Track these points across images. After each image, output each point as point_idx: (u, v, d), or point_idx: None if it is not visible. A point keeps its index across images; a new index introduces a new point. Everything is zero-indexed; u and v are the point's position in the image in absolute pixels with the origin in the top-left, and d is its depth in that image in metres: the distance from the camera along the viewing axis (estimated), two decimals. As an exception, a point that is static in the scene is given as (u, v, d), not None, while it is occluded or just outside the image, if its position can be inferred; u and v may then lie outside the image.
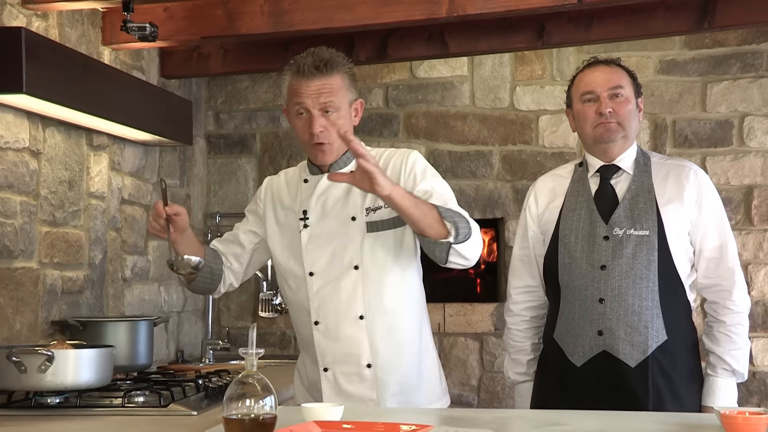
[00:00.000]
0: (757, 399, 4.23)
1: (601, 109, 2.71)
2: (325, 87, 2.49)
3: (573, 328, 2.71)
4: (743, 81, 4.32)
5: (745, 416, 1.97)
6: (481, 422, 2.30)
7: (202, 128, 4.61)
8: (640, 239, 2.66)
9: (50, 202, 3.13)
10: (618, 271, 2.65)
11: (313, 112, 2.49)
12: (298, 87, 2.50)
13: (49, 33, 3.12)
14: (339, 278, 2.54)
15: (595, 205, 2.74)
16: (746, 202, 4.31)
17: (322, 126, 2.49)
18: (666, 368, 2.65)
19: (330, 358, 2.56)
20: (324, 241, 2.55)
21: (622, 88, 2.74)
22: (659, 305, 2.65)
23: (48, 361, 2.42)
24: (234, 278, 2.75)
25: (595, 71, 2.78)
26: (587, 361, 2.68)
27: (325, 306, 2.55)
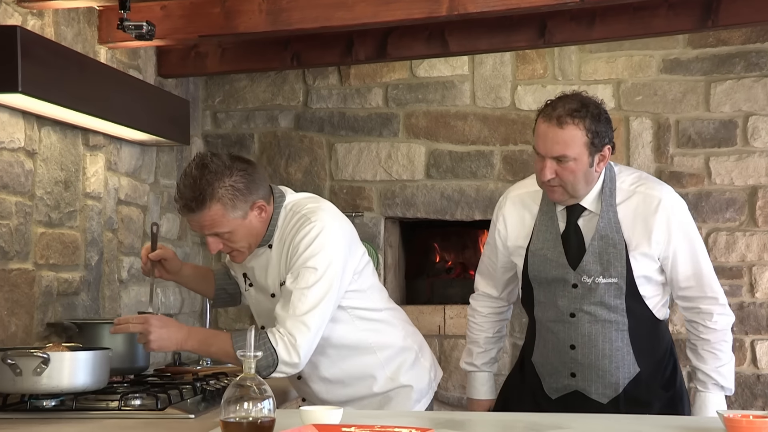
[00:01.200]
0: (762, 402, 4.21)
1: (541, 176, 2.58)
2: (204, 220, 2.48)
3: (547, 365, 2.76)
4: (747, 80, 4.29)
5: (749, 420, 1.97)
6: (482, 425, 2.27)
7: (200, 128, 4.58)
8: (608, 286, 2.63)
9: (46, 203, 3.10)
10: (587, 319, 2.66)
11: (209, 240, 2.52)
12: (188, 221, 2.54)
13: (44, 31, 3.09)
14: None
15: (563, 248, 2.67)
16: (750, 203, 4.28)
17: (222, 247, 2.54)
18: (639, 398, 2.67)
19: None
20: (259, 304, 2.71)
21: (566, 156, 2.53)
22: (629, 343, 2.67)
23: (43, 364, 2.40)
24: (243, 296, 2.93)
25: (546, 131, 2.56)
26: (560, 396, 2.74)
27: None
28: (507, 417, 2.53)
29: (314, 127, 4.57)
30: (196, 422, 2.41)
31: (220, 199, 2.44)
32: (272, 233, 2.57)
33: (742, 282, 4.26)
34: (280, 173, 4.56)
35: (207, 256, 4.55)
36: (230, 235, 2.50)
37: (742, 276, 4.25)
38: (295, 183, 4.54)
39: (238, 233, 2.50)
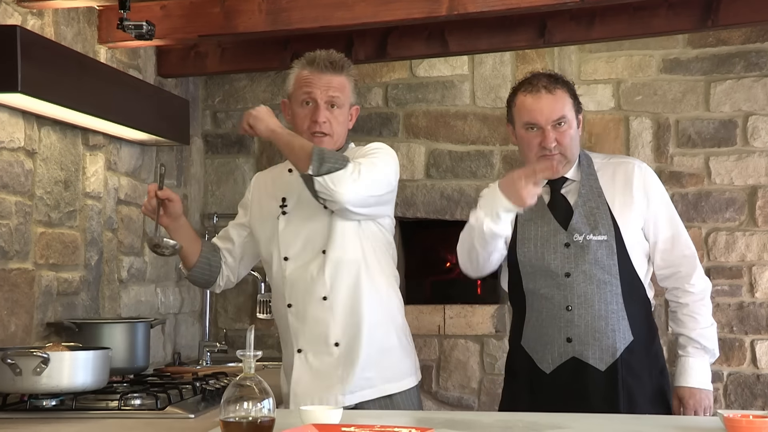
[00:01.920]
0: (761, 402, 4.20)
1: (546, 143, 2.70)
2: (334, 82, 2.68)
3: (541, 336, 2.76)
4: (747, 80, 4.28)
5: (749, 419, 1.97)
6: (481, 425, 2.27)
7: (200, 128, 4.58)
8: (599, 244, 2.71)
9: (45, 203, 3.10)
10: (582, 278, 2.71)
11: (320, 103, 2.67)
12: (310, 78, 2.68)
13: (44, 31, 3.09)
14: (308, 262, 2.68)
15: (551, 214, 2.77)
16: (750, 203, 4.27)
17: (325, 117, 2.67)
18: (634, 368, 2.71)
19: (302, 340, 2.70)
20: (299, 228, 2.70)
21: (564, 117, 2.71)
22: (624, 307, 2.72)
23: (43, 364, 2.40)
24: (230, 273, 2.91)
25: (539, 101, 2.71)
26: (556, 367, 2.73)
27: (296, 289, 2.69)
28: (506, 417, 2.53)
29: (314, 127, 4.57)
30: (195, 422, 2.41)
31: (350, 76, 2.74)
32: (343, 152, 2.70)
33: (741, 282, 4.25)
34: (279, 173, 4.56)
35: (207, 256, 4.55)
36: (338, 113, 2.69)
37: (742, 276, 4.25)
38: (294, 183, 4.54)
39: (341, 116, 2.71)
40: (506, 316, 4.39)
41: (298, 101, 2.70)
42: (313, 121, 2.67)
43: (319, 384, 2.66)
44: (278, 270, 2.73)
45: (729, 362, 4.25)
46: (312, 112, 2.67)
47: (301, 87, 2.69)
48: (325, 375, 2.66)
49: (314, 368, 2.67)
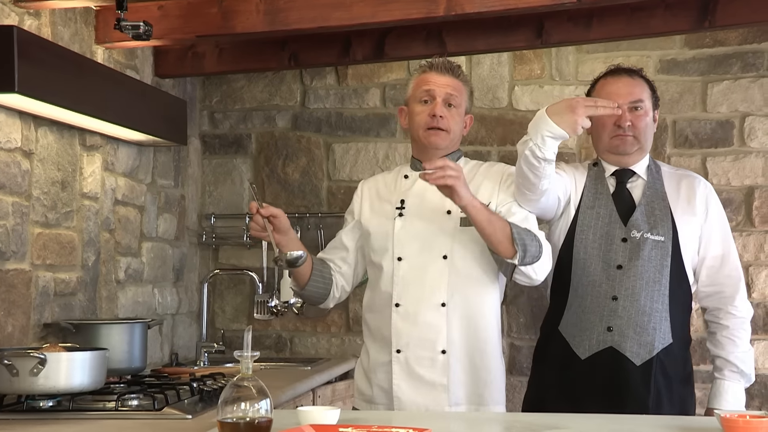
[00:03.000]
0: (758, 402, 4.20)
1: (621, 122, 2.78)
2: (452, 83, 2.76)
3: (582, 322, 2.78)
4: (744, 81, 4.29)
5: (746, 420, 1.98)
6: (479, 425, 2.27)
7: (197, 128, 4.57)
8: (655, 244, 2.76)
9: (42, 203, 3.10)
10: (633, 272, 2.74)
11: (438, 99, 2.72)
12: (429, 77, 2.76)
13: (41, 31, 3.09)
14: (426, 265, 2.69)
15: (614, 205, 2.83)
16: (747, 203, 4.28)
17: (443, 113, 2.72)
18: (668, 370, 2.74)
19: (405, 341, 2.68)
20: (416, 229, 2.72)
21: (643, 102, 2.82)
22: (668, 309, 2.75)
23: (40, 364, 2.40)
24: (345, 281, 2.88)
25: (618, 81, 2.84)
26: (592, 354, 2.75)
27: (408, 290, 2.69)
28: (504, 417, 2.53)
29: (312, 128, 4.57)
30: (193, 423, 2.41)
31: (466, 83, 2.83)
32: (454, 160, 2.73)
33: (739, 282, 4.25)
34: (277, 173, 4.56)
35: (204, 258, 4.55)
36: (456, 112, 2.75)
37: (739, 276, 4.25)
38: (292, 183, 4.54)
39: (457, 117, 2.76)
40: (504, 317, 4.38)
41: (417, 100, 2.77)
42: (431, 115, 2.72)
43: (424, 392, 2.67)
44: (389, 269, 2.73)
45: (726, 363, 4.25)
46: (431, 108, 2.72)
47: (421, 86, 2.76)
48: (428, 383, 2.67)
49: (416, 373, 2.68)
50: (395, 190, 2.81)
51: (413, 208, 2.74)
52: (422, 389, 2.66)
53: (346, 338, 4.49)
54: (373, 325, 2.79)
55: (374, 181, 2.93)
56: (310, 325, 4.50)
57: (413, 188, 2.76)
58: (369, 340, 2.80)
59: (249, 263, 4.47)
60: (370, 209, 2.84)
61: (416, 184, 2.74)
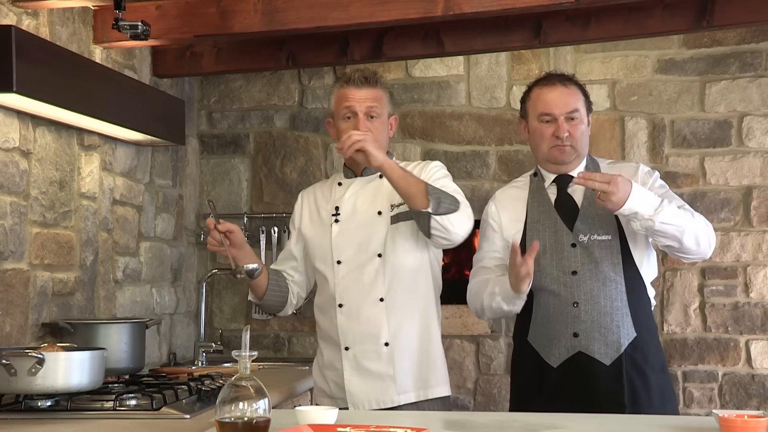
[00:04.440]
0: (756, 402, 4.21)
1: (559, 132, 2.84)
2: (370, 95, 2.84)
3: (548, 331, 2.84)
4: (742, 80, 4.29)
5: (744, 419, 1.98)
6: (477, 426, 2.27)
7: (195, 128, 4.57)
8: (603, 243, 2.81)
9: (41, 203, 3.10)
10: (588, 276, 2.81)
11: (360, 115, 2.82)
12: (348, 93, 2.85)
13: (39, 31, 3.08)
14: (363, 265, 2.82)
15: (557, 214, 2.87)
16: (745, 203, 4.28)
17: (366, 128, 2.80)
18: (638, 363, 2.79)
19: (351, 338, 2.81)
20: (351, 234, 2.84)
21: (578, 111, 2.85)
22: (627, 304, 2.80)
23: (38, 364, 2.40)
24: (299, 288, 3.02)
25: (553, 91, 2.87)
26: (563, 362, 2.80)
27: (349, 290, 2.82)
28: (501, 417, 2.53)
29: (309, 127, 4.57)
30: (191, 422, 2.41)
31: (385, 88, 2.91)
32: None
33: (736, 282, 4.26)
34: (275, 173, 4.56)
35: (202, 257, 4.55)
36: (378, 122, 2.85)
37: (737, 276, 4.26)
38: (290, 183, 4.54)
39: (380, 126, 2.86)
40: (502, 316, 4.39)
41: (340, 117, 2.87)
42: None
43: (373, 384, 2.79)
44: (330, 272, 2.86)
45: (724, 362, 4.26)
46: (354, 125, 2.81)
47: (342, 103, 2.85)
48: (376, 374, 2.78)
49: (363, 367, 2.80)
50: (330, 198, 2.94)
51: (347, 214, 2.87)
52: (371, 381, 2.78)
53: (344, 338, 4.49)
54: (323, 325, 2.91)
55: (312, 190, 3.05)
56: (308, 325, 4.50)
57: (346, 195, 2.89)
58: (321, 341, 2.93)
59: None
60: (309, 218, 2.97)
61: (349, 190, 2.89)
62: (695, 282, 4.28)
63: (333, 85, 3.01)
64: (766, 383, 4.23)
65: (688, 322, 4.28)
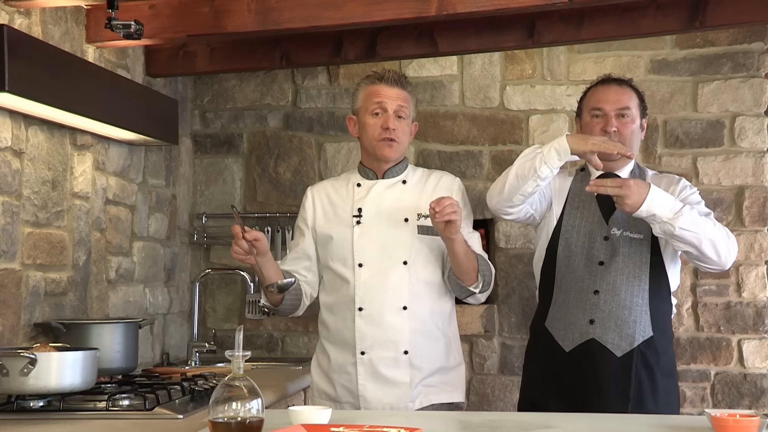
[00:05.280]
0: (748, 401, 4.22)
1: (607, 127, 2.89)
2: (401, 95, 2.88)
3: (566, 316, 2.89)
4: (734, 81, 4.30)
5: (736, 419, 1.98)
6: (471, 425, 2.28)
7: (188, 127, 4.57)
8: (634, 241, 2.86)
9: (33, 203, 3.09)
10: (614, 268, 2.85)
11: (390, 112, 2.84)
12: (380, 90, 2.86)
13: (32, 30, 3.08)
14: (387, 270, 2.80)
15: (598, 206, 2.93)
16: (737, 203, 4.29)
17: (395, 124, 2.83)
18: (649, 362, 2.84)
19: (369, 343, 2.79)
20: (375, 237, 2.83)
21: (629, 110, 2.92)
22: (648, 303, 2.85)
23: (31, 364, 2.39)
24: (312, 289, 2.97)
25: (607, 89, 2.95)
26: (575, 347, 2.86)
27: (371, 295, 2.79)
28: (495, 416, 2.54)
29: (303, 127, 4.57)
30: (184, 422, 2.40)
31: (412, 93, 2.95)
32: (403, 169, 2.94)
33: (728, 282, 4.27)
34: (269, 173, 4.55)
35: (195, 257, 4.55)
36: (404, 123, 2.88)
37: (729, 276, 4.27)
38: (284, 183, 4.53)
39: (405, 127, 2.89)
40: (495, 316, 4.39)
41: (368, 112, 2.86)
42: (384, 128, 2.83)
43: (388, 391, 2.77)
44: (349, 275, 2.83)
45: (716, 362, 4.27)
46: (383, 120, 2.83)
47: (372, 98, 2.86)
48: (392, 382, 2.77)
49: (380, 373, 2.78)
50: (348, 198, 2.90)
51: (371, 217, 2.85)
52: (386, 388, 2.77)
53: (338, 338, 4.49)
54: (333, 327, 2.87)
55: (322, 187, 3.00)
56: (301, 325, 4.50)
57: (369, 196, 2.87)
58: (328, 342, 2.89)
59: (240, 263, 4.46)
60: (324, 217, 2.92)
61: (371, 192, 2.87)
62: (688, 281, 4.29)
63: (360, 81, 2.96)
64: (758, 383, 4.24)
65: (681, 321, 4.29)
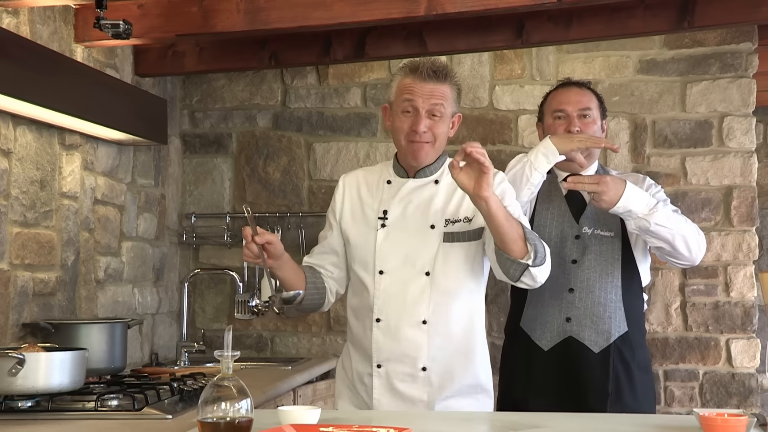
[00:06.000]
0: (736, 401, 4.24)
1: (570, 127, 2.95)
2: (436, 91, 2.59)
3: (542, 315, 2.94)
4: (723, 81, 4.32)
5: (724, 418, 1.99)
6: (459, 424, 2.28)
7: (177, 127, 4.56)
8: (604, 239, 2.92)
9: (21, 203, 3.08)
10: (587, 265, 2.91)
11: (421, 112, 2.59)
12: (412, 85, 2.60)
13: (20, 30, 3.06)
14: (408, 281, 2.61)
15: (567, 205, 2.98)
16: (726, 203, 4.31)
17: (426, 126, 2.59)
18: (625, 356, 2.90)
19: (386, 356, 2.62)
20: (399, 243, 2.63)
21: (590, 110, 2.97)
22: (621, 299, 2.91)
23: (19, 365, 2.38)
24: (338, 285, 2.78)
25: (568, 91, 3.01)
26: (553, 345, 2.91)
27: (389, 305, 2.61)
28: (484, 416, 2.54)
29: (292, 127, 4.56)
30: (173, 423, 2.40)
31: (454, 85, 2.65)
32: (439, 167, 2.68)
33: (717, 281, 4.29)
34: (258, 173, 4.55)
35: (184, 257, 4.54)
36: (440, 121, 2.61)
37: (717, 275, 4.28)
38: (273, 182, 4.53)
39: (442, 125, 2.62)
40: (486, 315, 4.39)
41: (399, 109, 2.62)
42: (413, 130, 2.59)
43: (404, 407, 2.61)
44: (369, 281, 2.64)
45: (704, 361, 4.28)
46: (413, 121, 2.59)
47: (402, 95, 2.61)
48: (408, 399, 2.61)
49: (396, 389, 2.61)
50: (377, 195, 2.70)
51: (396, 220, 2.64)
52: (402, 405, 2.62)
53: (327, 338, 4.49)
54: (356, 331, 2.71)
55: (355, 178, 2.78)
56: (291, 325, 4.49)
57: (397, 197, 2.66)
58: (352, 346, 2.73)
59: (230, 263, 4.46)
60: (351, 214, 2.73)
61: (400, 192, 2.66)
62: (676, 281, 4.31)
63: (397, 70, 2.67)
64: (746, 382, 4.26)
65: (670, 321, 4.31)
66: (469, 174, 2.41)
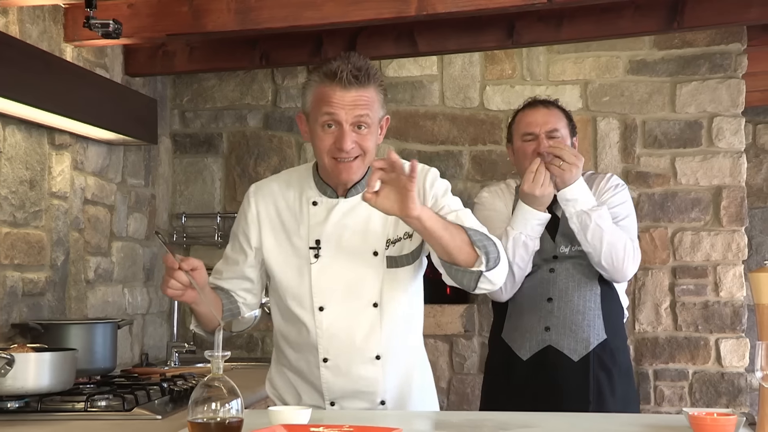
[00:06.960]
0: (726, 400, 4.25)
1: (539, 149, 2.90)
2: (360, 98, 2.24)
3: (521, 325, 2.94)
4: (712, 81, 4.33)
5: (714, 417, 1.99)
6: (450, 425, 2.28)
7: (168, 127, 4.55)
8: (582, 253, 2.89)
9: (11, 203, 3.07)
10: (565, 275, 2.92)
11: (345, 126, 2.24)
12: (332, 96, 2.23)
13: (9, 29, 3.06)
14: (355, 315, 2.34)
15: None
16: (715, 203, 4.32)
17: (353, 142, 2.25)
18: (606, 363, 2.90)
19: (339, 394, 2.39)
20: (339, 275, 2.33)
21: (558, 130, 2.93)
22: (600, 307, 2.91)
23: (8, 365, 2.38)
24: (251, 310, 2.54)
25: (535, 112, 2.96)
26: (533, 355, 2.91)
27: (336, 345, 2.34)
28: (474, 416, 2.54)
29: (283, 127, 4.56)
30: (163, 423, 2.39)
31: (378, 86, 2.30)
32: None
33: (706, 281, 4.30)
34: (248, 173, 4.54)
35: (175, 256, 4.52)
36: (368, 133, 2.27)
37: (707, 275, 4.30)
38: (263, 183, 4.52)
39: (371, 137, 2.29)
40: (475, 315, 4.40)
41: (318, 123, 2.26)
42: (338, 148, 2.24)
43: None
44: (308, 319, 2.34)
45: (694, 361, 4.29)
46: (336, 138, 2.24)
47: (321, 107, 2.24)
48: None
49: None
50: (302, 219, 2.36)
51: (332, 250, 2.32)
52: None
53: (318, 338, 4.48)
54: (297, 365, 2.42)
55: (270, 195, 2.41)
56: (281, 325, 4.49)
57: (328, 223, 2.33)
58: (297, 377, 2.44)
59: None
60: (275, 244, 2.38)
61: (331, 217, 2.33)
62: (666, 281, 4.32)
63: (310, 75, 2.31)
64: (736, 382, 4.27)
65: (659, 321, 4.32)
66: (389, 196, 2.10)
